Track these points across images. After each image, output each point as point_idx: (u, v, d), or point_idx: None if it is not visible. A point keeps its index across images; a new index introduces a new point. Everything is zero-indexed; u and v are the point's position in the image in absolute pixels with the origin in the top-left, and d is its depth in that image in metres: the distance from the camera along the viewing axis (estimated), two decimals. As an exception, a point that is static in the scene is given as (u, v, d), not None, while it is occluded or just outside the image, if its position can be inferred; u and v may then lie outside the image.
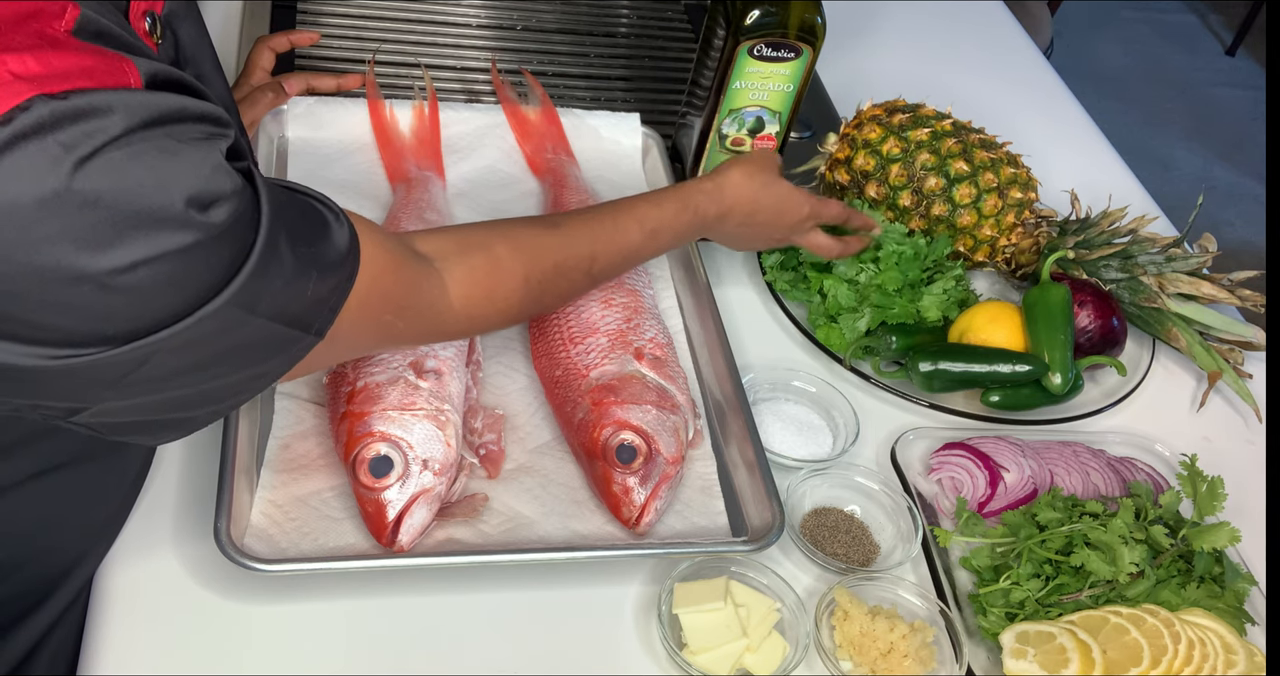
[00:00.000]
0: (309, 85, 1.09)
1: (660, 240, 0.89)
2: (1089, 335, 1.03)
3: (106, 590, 0.76)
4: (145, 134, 0.48)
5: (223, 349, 0.56)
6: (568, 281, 0.82)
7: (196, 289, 0.52)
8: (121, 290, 0.49)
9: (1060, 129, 1.45)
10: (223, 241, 0.52)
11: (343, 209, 0.65)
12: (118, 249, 0.48)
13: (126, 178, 0.48)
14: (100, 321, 0.50)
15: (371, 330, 0.68)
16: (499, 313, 0.78)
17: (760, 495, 0.84)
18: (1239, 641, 0.81)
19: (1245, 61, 3.64)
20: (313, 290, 0.59)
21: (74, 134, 0.46)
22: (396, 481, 0.77)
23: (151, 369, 0.53)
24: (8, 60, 0.46)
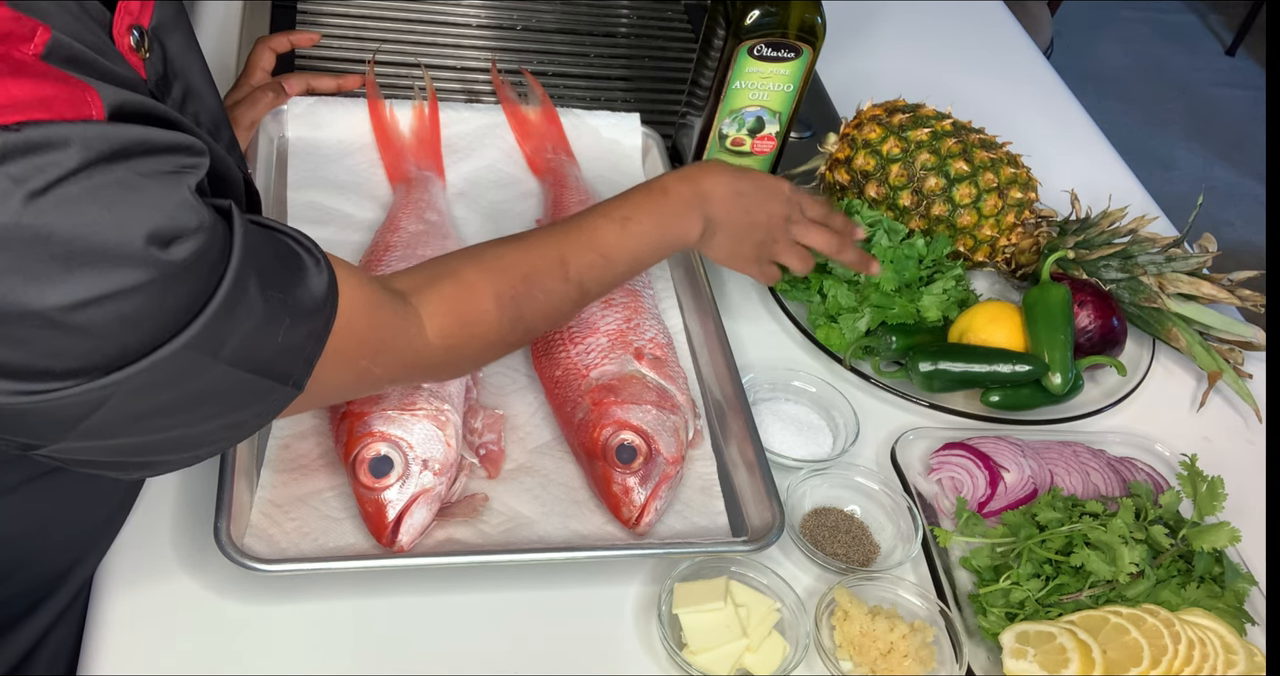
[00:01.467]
0: (309, 85, 1.09)
1: (635, 229, 0.83)
2: (1089, 335, 1.03)
3: (106, 590, 0.76)
4: (104, 168, 0.47)
5: (186, 395, 0.54)
6: (544, 292, 0.78)
7: (153, 329, 0.50)
8: (71, 328, 0.47)
9: (1060, 129, 1.45)
10: (183, 280, 0.50)
11: (323, 252, 0.62)
12: (67, 285, 0.46)
13: (80, 213, 0.46)
14: (48, 358, 0.48)
15: (347, 375, 0.66)
16: (478, 338, 0.75)
17: (760, 495, 0.84)
18: (1239, 641, 0.81)
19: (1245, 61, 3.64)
20: (284, 338, 0.57)
21: (25, 167, 0.45)
22: (396, 481, 0.77)
23: (109, 412, 0.51)
24: None
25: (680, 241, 0.87)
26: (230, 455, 0.77)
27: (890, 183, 1.09)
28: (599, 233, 0.82)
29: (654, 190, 0.86)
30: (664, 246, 0.86)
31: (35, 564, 0.74)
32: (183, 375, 0.52)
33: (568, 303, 0.81)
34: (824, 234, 0.94)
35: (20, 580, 0.74)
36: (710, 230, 0.88)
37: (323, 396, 0.68)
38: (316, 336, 0.60)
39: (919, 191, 1.08)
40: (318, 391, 0.63)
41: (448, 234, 0.99)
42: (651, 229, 0.85)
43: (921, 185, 1.08)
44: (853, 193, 1.12)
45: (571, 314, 0.83)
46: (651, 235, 0.85)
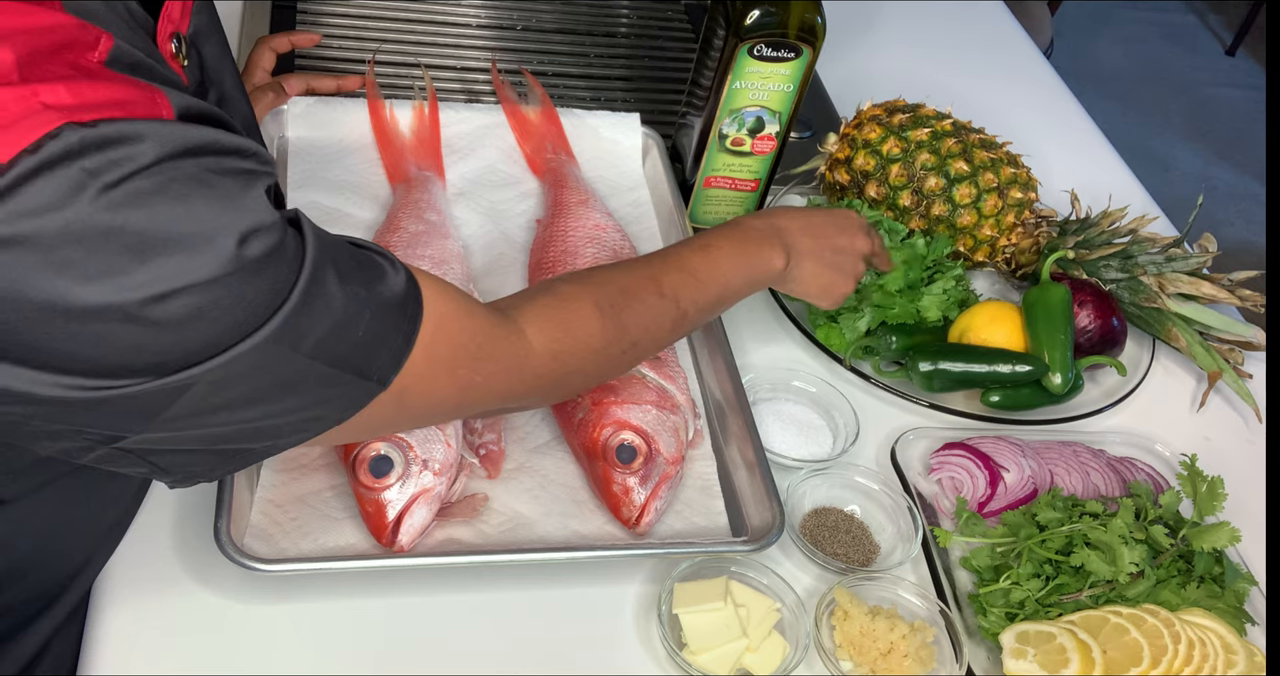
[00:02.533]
0: (309, 86, 1.09)
1: (717, 254, 0.84)
2: (1089, 335, 1.03)
3: (106, 590, 0.76)
4: (177, 164, 0.48)
5: (267, 388, 0.54)
6: (642, 304, 0.78)
7: (232, 323, 0.51)
8: (149, 323, 0.48)
9: (1060, 129, 1.45)
10: (259, 274, 0.51)
11: (401, 261, 0.62)
12: (142, 279, 0.47)
13: (155, 207, 0.47)
14: (129, 353, 0.49)
15: (447, 386, 0.65)
16: (583, 345, 0.73)
17: (760, 495, 0.84)
18: (1239, 641, 0.81)
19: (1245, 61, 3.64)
20: (365, 333, 0.57)
21: (100, 161, 0.46)
22: (396, 481, 0.77)
23: (189, 403, 0.52)
24: (40, 90, 0.46)
25: (766, 269, 0.87)
26: (230, 455, 0.77)
27: (890, 183, 1.09)
28: (683, 256, 0.83)
29: (730, 225, 0.88)
30: (751, 274, 0.86)
31: (46, 567, 0.74)
32: (263, 368, 0.53)
33: (667, 318, 0.79)
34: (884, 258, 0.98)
35: (32, 583, 0.74)
36: (795, 260, 0.88)
37: (426, 407, 0.66)
38: (401, 332, 0.60)
39: (919, 191, 1.08)
40: (420, 403, 0.63)
41: (448, 234, 0.99)
42: (733, 254, 0.85)
43: (921, 185, 1.08)
44: (853, 193, 1.12)
45: (672, 333, 0.81)
46: (734, 260, 0.85)
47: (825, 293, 0.92)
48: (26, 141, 0.45)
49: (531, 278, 0.99)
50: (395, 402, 0.61)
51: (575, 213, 1.03)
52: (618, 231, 1.02)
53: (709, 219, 1.13)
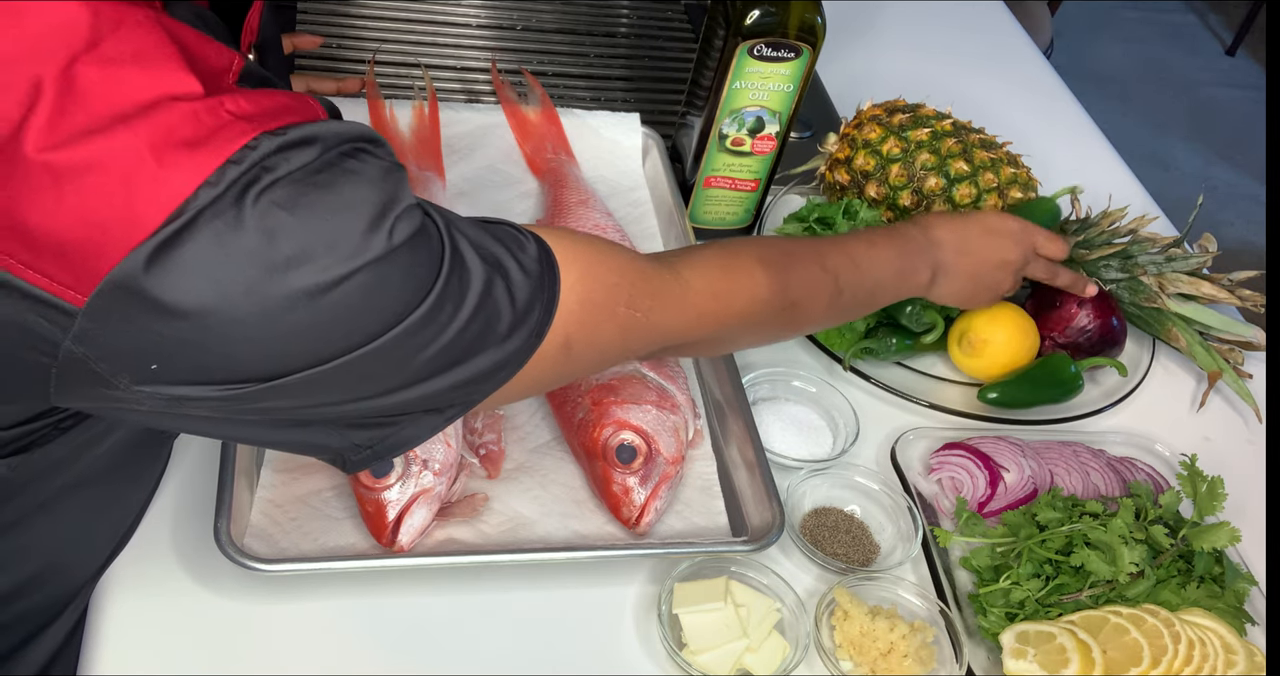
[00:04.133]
0: (309, 88, 1.09)
1: (879, 251, 0.85)
2: (1089, 335, 1.03)
3: (106, 590, 0.76)
4: (332, 158, 0.50)
5: (431, 355, 0.56)
6: (805, 270, 0.78)
7: (402, 298, 0.53)
8: (334, 306, 0.50)
9: (1060, 129, 1.45)
10: (414, 250, 0.53)
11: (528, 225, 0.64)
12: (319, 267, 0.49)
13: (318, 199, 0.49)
14: (317, 342, 0.51)
15: (609, 327, 0.66)
16: (744, 288, 0.74)
17: (760, 495, 0.84)
18: (1239, 641, 0.81)
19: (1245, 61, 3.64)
20: (512, 294, 0.58)
21: (278, 161, 0.48)
22: (396, 481, 0.77)
23: (368, 378, 0.54)
24: (224, 101, 0.48)
25: (915, 281, 0.89)
26: (230, 455, 0.77)
27: (890, 183, 1.09)
28: (847, 243, 0.84)
29: (891, 228, 0.89)
30: (901, 281, 0.88)
31: (66, 571, 0.75)
32: (429, 339, 0.54)
33: (825, 291, 0.80)
34: (1050, 270, 0.99)
35: (52, 587, 0.75)
36: (938, 277, 0.90)
37: (594, 351, 0.66)
38: (546, 288, 0.61)
39: (919, 191, 1.08)
40: (586, 349, 0.64)
41: (448, 234, 0.98)
42: (892, 256, 0.86)
43: (921, 185, 1.08)
44: (853, 192, 1.12)
45: (828, 309, 0.82)
46: (892, 262, 0.86)
47: (961, 304, 0.96)
48: (229, 151, 0.47)
49: (532, 278, 0.99)
50: (562, 352, 0.62)
51: (575, 213, 1.03)
52: (618, 231, 1.02)
53: (709, 219, 1.13)
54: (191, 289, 0.47)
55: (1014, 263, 0.94)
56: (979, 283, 0.93)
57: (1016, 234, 0.95)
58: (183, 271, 0.47)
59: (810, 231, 1.07)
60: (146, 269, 0.46)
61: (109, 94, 0.46)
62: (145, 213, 0.46)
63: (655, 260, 0.71)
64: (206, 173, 0.46)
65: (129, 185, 0.46)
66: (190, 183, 0.46)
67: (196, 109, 0.47)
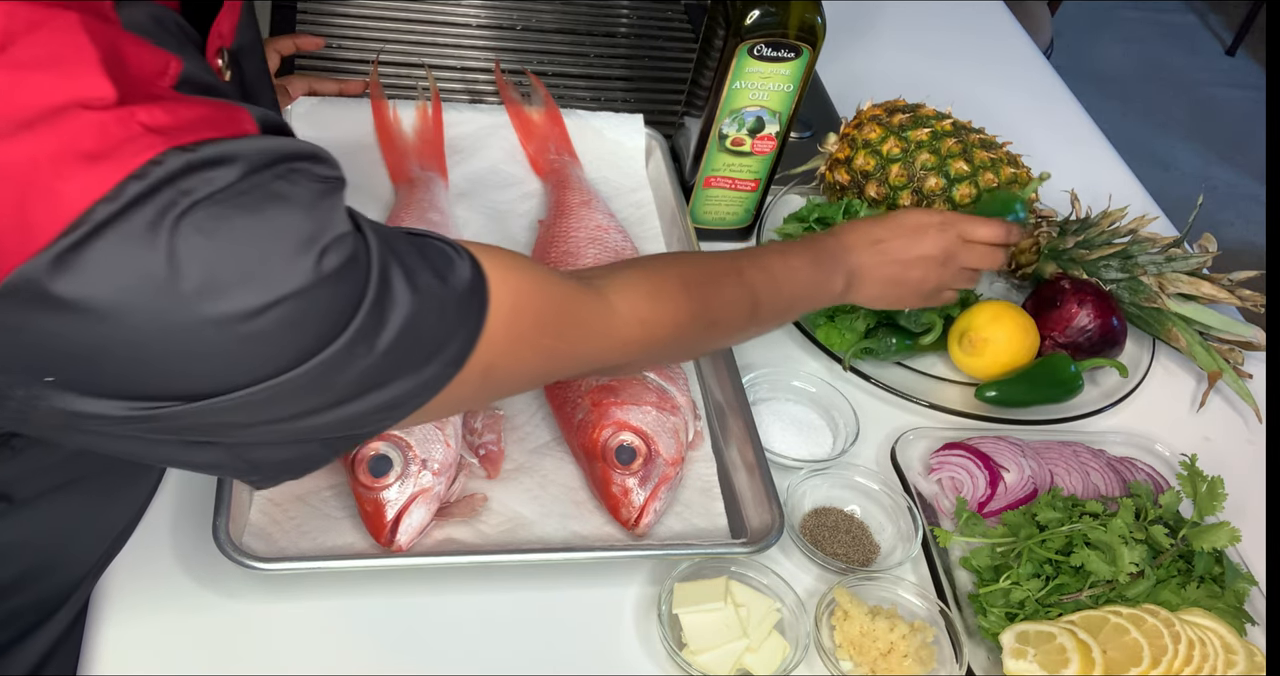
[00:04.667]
0: (311, 89, 1.09)
1: (794, 262, 0.84)
2: (1089, 334, 1.03)
3: (106, 589, 0.76)
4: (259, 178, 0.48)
5: (349, 385, 0.54)
6: (725, 289, 0.78)
7: (317, 332, 0.51)
8: (246, 338, 0.48)
9: (1060, 129, 1.45)
10: (340, 283, 0.51)
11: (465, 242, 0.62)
12: (235, 297, 0.47)
13: (240, 224, 0.47)
14: (224, 370, 0.49)
15: (531, 357, 0.65)
16: (668, 313, 0.73)
17: (760, 497, 0.84)
18: (1239, 641, 0.81)
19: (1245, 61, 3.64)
20: (438, 321, 0.57)
21: (195, 181, 0.46)
22: (395, 481, 0.77)
23: (279, 406, 0.52)
24: (137, 112, 0.46)
25: (828, 291, 0.87)
26: (230, 455, 0.77)
27: (890, 183, 1.09)
28: (763, 257, 0.84)
29: (806, 240, 0.89)
30: (815, 290, 0.87)
31: (60, 570, 0.75)
32: (344, 369, 0.53)
33: (744, 307, 0.80)
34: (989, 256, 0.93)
35: (46, 585, 0.74)
36: (852, 283, 0.88)
37: (513, 378, 0.66)
38: (474, 316, 0.60)
39: (919, 191, 1.08)
40: (505, 376, 0.63)
41: (450, 234, 0.98)
42: (807, 268, 0.85)
43: (922, 185, 1.08)
44: (853, 193, 1.12)
45: (747, 324, 0.82)
46: (806, 272, 0.85)
47: (890, 306, 0.93)
48: (131, 167, 0.45)
49: (532, 278, 0.99)
50: (481, 379, 0.61)
51: (578, 213, 1.03)
52: (620, 232, 1.02)
53: (709, 219, 1.13)
54: (86, 304, 0.45)
55: (934, 257, 0.90)
56: (899, 284, 0.90)
57: (935, 225, 0.91)
58: (78, 287, 0.45)
59: (810, 231, 1.07)
60: (40, 280, 0.44)
61: (14, 98, 0.44)
62: (38, 225, 0.44)
63: (586, 286, 0.70)
64: (105, 188, 0.44)
65: (24, 195, 0.44)
66: (86, 197, 0.44)
67: (104, 119, 0.45)
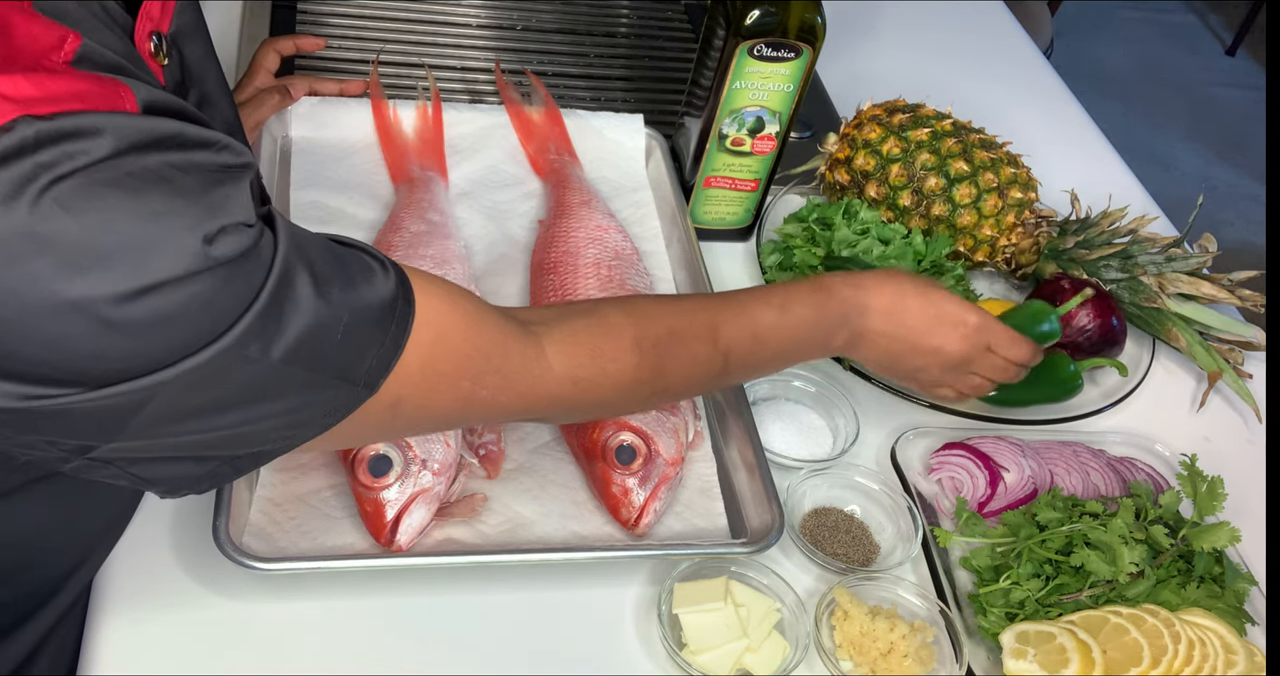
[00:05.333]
0: (312, 89, 1.09)
1: (792, 318, 0.78)
2: (1088, 334, 1.03)
3: (105, 589, 0.76)
4: (137, 158, 0.46)
5: (240, 392, 0.52)
6: (688, 351, 0.73)
7: (198, 327, 0.48)
8: (110, 325, 0.45)
9: (1060, 129, 1.45)
10: (230, 277, 0.48)
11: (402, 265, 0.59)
12: (99, 278, 0.44)
13: (109, 202, 0.44)
14: (88, 360, 0.46)
15: (447, 398, 0.62)
16: (608, 376, 0.69)
17: (760, 497, 0.84)
18: (1239, 641, 0.81)
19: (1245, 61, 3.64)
20: (345, 335, 0.54)
21: (55, 154, 0.43)
22: (395, 481, 0.77)
23: (157, 409, 0.49)
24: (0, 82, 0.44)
25: (822, 346, 0.82)
26: (230, 455, 0.77)
27: (890, 183, 1.09)
28: (755, 312, 0.77)
29: (817, 286, 0.81)
30: (808, 347, 0.81)
31: (40, 566, 0.74)
32: (233, 374, 0.50)
33: (711, 372, 0.75)
34: (1006, 371, 0.88)
35: (25, 582, 0.74)
36: (854, 343, 0.82)
37: (425, 417, 0.63)
38: (390, 337, 0.57)
39: (919, 191, 1.08)
40: (417, 413, 0.61)
41: (450, 234, 0.99)
42: (806, 322, 0.79)
43: (921, 185, 1.08)
44: (853, 192, 1.12)
45: (710, 386, 0.77)
46: (806, 328, 0.79)
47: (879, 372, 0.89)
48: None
49: (533, 278, 0.99)
50: (389, 411, 0.59)
51: (578, 213, 1.03)
52: (620, 232, 1.02)
53: (709, 219, 1.13)
54: None
55: (951, 356, 0.84)
56: (898, 364, 0.85)
57: (970, 328, 0.84)
58: None
59: (810, 232, 1.07)
60: None
61: None
62: None
63: (522, 333, 0.66)
64: None
65: None
66: None
67: None
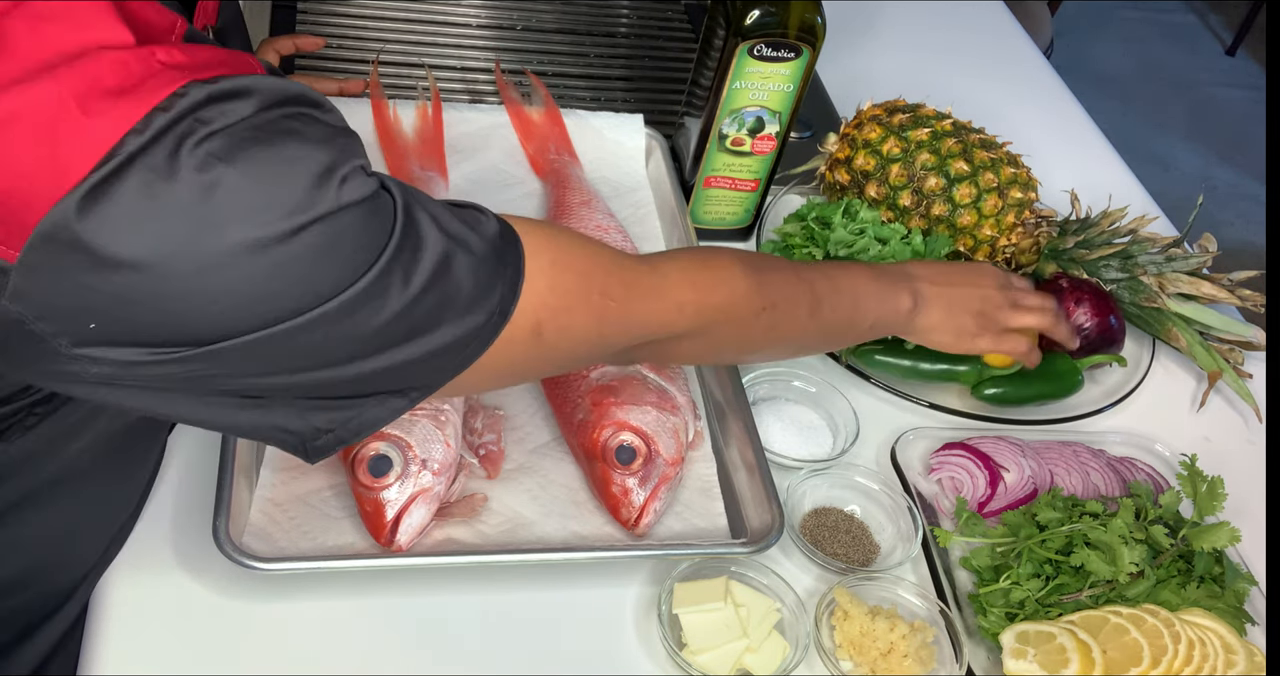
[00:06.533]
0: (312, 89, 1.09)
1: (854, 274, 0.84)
2: (1086, 334, 1.03)
3: (106, 589, 0.76)
4: (275, 112, 0.49)
5: (383, 324, 0.54)
6: (782, 278, 0.77)
7: (354, 259, 0.51)
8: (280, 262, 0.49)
9: (1060, 129, 1.45)
10: (368, 213, 0.51)
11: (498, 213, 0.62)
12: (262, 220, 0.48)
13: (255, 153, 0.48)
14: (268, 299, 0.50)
15: (581, 314, 0.64)
16: (724, 285, 0.72)
17: (760, 497, 0.84)
18: (1239, 641, 0.81)
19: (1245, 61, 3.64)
20: (471, 268, 0.57)
21: (213, 112, 0.47)
22: (395, 481, 0.77)
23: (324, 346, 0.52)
24: (156, 51, 0.47)
25: (895, 308, 0.85)
26: (230, 453, 0.77)
27: (890, 182, 1.09)
28: (823, 266, 0.84)
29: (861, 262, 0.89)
30: (880, 308, 0.84)
31: (61, 570, 0.75)
32: (385, 304, 0.53)
33: (803, 299, 0.78)
34: (1038, 316, 0.94)
35: (45, 585, 0.74)
36: (921, 303, 0.86)
37: (568, 342, 0.64)
38: (511, 265, 0.59)
39: (919, 191, 1.08)
40: (559, 337, 0.62)
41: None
42: (869, 281, 0.84)
43: (922, 185, 1.08)
44: (853, 192, 1.12)
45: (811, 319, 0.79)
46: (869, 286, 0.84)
47: (958, 339, 0.90)
48: (157, 99, 0.46)
49: (532, 277, 0.99)
50: (533, 338, 0.60)
51: (578, 213, 1.03)
52: (620, 232, 1.02)
53: (709, 219, 1.13)
54: (123, 240, 0.46)
55: (995, 298, 0.92)
56: (962, 310, 0.90)
57: (995, 272, 0.94)
58: (113, 221, 0.45)
59: (809, 231, 1.07)
60: (76, 219, 0.45)
61: (36, 45, 0.45)
62: (70, 162, 0.45)
63: (630, 254, 0.70)
64: (133, 120, 0.45)
65: (53, 134, 0.45)
66: (116, 130, 0.45)
67: (125, 58, 0.46)
